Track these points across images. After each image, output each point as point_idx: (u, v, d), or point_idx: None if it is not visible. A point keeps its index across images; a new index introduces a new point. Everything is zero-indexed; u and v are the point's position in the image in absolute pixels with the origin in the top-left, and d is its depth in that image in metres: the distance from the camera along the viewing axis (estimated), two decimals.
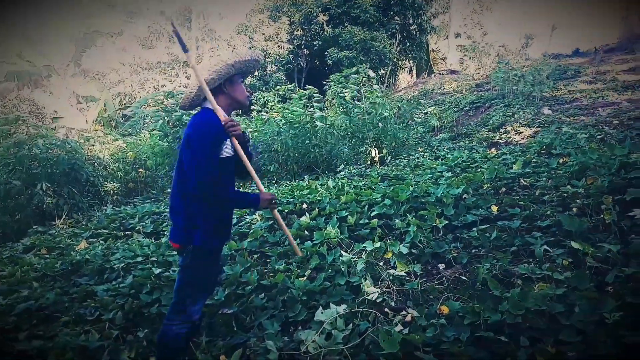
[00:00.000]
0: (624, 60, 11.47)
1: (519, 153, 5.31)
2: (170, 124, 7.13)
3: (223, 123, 2.18)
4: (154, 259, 3.81)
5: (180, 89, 15.89)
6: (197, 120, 2.18)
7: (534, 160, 4.81)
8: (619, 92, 8.33)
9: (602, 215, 3.17)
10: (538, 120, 7.25)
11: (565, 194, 3.64)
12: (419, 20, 16.45)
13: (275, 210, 2.46)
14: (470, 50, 15.19)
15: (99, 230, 5.35)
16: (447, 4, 21.77)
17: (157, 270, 3.43)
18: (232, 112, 2.44)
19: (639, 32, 15.07)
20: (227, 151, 2.20)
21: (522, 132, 6.77)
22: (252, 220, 4.32)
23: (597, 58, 12.91)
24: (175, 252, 3.52)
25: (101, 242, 4.87)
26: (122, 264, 3.79)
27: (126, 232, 5.25)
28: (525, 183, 4.12)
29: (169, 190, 5.12)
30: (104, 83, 16.97)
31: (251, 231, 3.98)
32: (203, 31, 18.17)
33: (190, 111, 2.50)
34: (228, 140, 2.20)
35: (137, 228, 5.25)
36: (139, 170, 8.21)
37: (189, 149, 2.13)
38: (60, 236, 5.28)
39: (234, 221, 4.41)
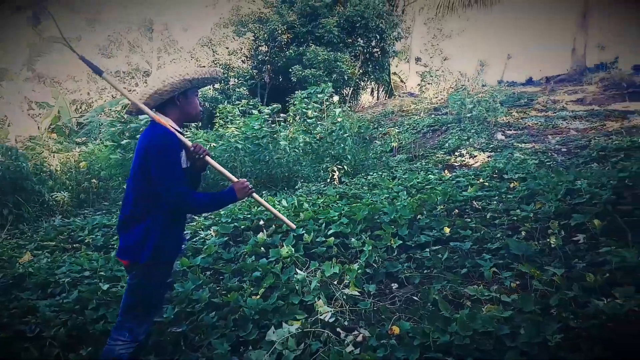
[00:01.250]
0: (573, 91, 12.11)
1: (472, 176, 5.48)
2: (127, 134, 6.95)
3: (192, 149, 2.18)
4: (102, 273, 3.67)
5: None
6: (155, 133, 2.13)
7: (486, 184, 4.98)
8: (567, 121, 8.78)
9: (548, 240, 3.31)
10: (491, 145, 7.52)
11: (515, 218, 3.78)
12: (382, 44, 16.86)
13: (255, 194, 2.41)
14: (429, 75, 15.67)
15: (45, 242, 5.11)
16: (409, 29, 22.46)
17: (105, 286, 3.31)
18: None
19: (586, 65, 16.00)
20: (184, 162, 2.20)
21: (476, 156, 7.01)
22: (206, 235, 4.25)
23: (548, 88, 13.59)
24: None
25: (47, 254, 4.65)
26: (68, 278, 3.63)
27: (74, 245, 5.04)
28: (477, 206, 4.25)
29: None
30: (60, 90, 16.44)
31: (205, 247, 3.91)
32: (165, 42, 17.98)
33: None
34: (183, 152, 2.20)
35: (86, 241, 5.05)
36: (92, 180, 7.94)
37: (152, 163, 2.08)
38: (3, 247, 5.01)
39: (188, 236, 4.33)
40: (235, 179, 2.34)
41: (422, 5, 21.63)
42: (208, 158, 2.28)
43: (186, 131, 8.01)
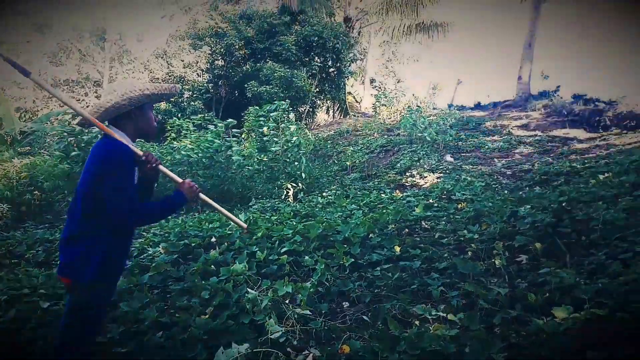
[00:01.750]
0: (518, 117, 12.72)
1: (422, 197, 5.64)
2: (75, 145, 6.68)
3: (144, 158, 2.11)
4: (42, 291, 3.47)
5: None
6: (108, 148, 2.05)
7: (435, 204, 5.13)
8: (512, 145, 9.20)
9: (493, 260, 3.44)
10: (441, 167, 7.77)
11: (462, 238, 3.91)
12: (338, 64, 17.15)
13: (202, 195, 2.34)
14: (383, 96, 16.06)
15: None
16: (365, 51, 23.02)
17: (45, 304, 3.14)
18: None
19: (531, 92, 16.90)
20: (135, 177, 2.14)
21: (426, 177, 7.21)
22: (154, 252, 4.13)
23: (495, 112, 14.22)
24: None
25: None
26: (5, 296, 3.41)
27: (13, 261, 4.76)
28: (426, 226, 4.37)
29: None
30: (3, 96, 15.64)
31: (153, 264, 3.79)
32: (118, 52, 17.53)
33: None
34: (136, 168, 2.15)
35: (26, 256, 4.79)
36: (34, 192, 7.55)
37: (103, 179, 2.00)
38: None
39: (135, 253, 4.19)
40: (180, 180, 2.28)
41: (378, 28, 22.28)
42: (161, 166, 2.22)
43: (137, 145, 7.75)
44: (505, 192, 5.42)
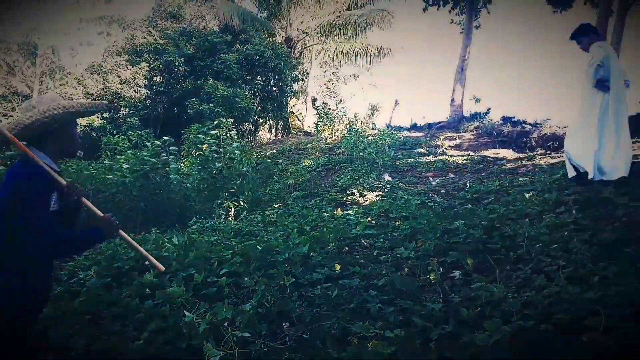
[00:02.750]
0: (452, 138, 13.29)
1: (362, 215, 5.74)
2: None
3: (65, 190, 2.00)
4: None
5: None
6: (24, 172, 1.93)
7: (374, 222, 5.24)
8: (446, 164, 9.60)
9: (428, 276, 3.55)
10: (380, 185, 7.97)
11: (399, 255, 4.02)
12: (280, 83, 17.29)
13: (121, 230, 2.21)
14: (325, 116, 16.31)
15: None
16: (307, 71, 23.37)
17: None
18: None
19: (463, 114, 17.79)
20: (55, 204, 2.01)
21: (366, 195, 7.37)
22: (86, 277, 3.92)
23: (430, 133, 14.80)
24: None
25: None
26: None
27: None
28: (365, 243, 4.45)
29: None
30: None
31: (84, 289, 3.60)
32: (50, 66, 16.70)
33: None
34: (55, 193, 2.02)
35: None
36: None
37: (17, 206, 1.86)
38: None
39: (65, 277, 3.96)
40: (100, 214, 2.16)
41: (319, 49, 22.74)
42: (84, 199, 2.11)
43: (65, 163, 7.39)
44: (440, 209, 5.63)
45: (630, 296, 2.48)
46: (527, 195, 5.39)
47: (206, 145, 7.28)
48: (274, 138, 18.02)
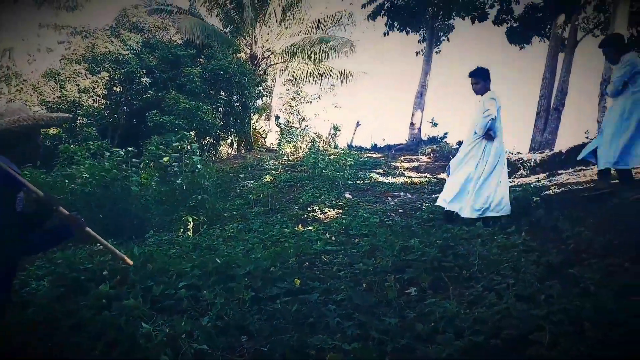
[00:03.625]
0: (410, 159, 13.67)
1: (322, 231, 5.82)
2: None
3: (44, 203, 2.10)
4: None
5: None
6: None
7: (334, 239, 5.33)
8: (404, 185, 9.86)
9: (385, 292, 3.65)
10: (340, 203, 8.09)
11: (358, 271, 4.10)
12: (244, 99, 17.31)
13: (88, 229, 2.28)
14: (288, 133, 16.43)
15: None
16: (270, 88, 23.53)
17: None
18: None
19: (422, 137, 18.35)
20: (19, 203, 2.04)
21: (327, 212, 7.46)
22: (38, 286, 3.80)
23: (390, 154, 15.17)
24: None
25: None
26: None
27: None
28: (325, 259, 4.52)
29: None
30: None
31: (38, 299, 3.49)
32: (7, 73, 16.05)
33: None
34: (21, 193, 2.05)
35: None
36: None
37: None
38: None
39: (16, 287, 3.81)
40: (66, 212, 2.24)
41: (283, 68, 22.98)
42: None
43: (21, 170, 7.08)
44: (398, 228, 5.79)
45: (573, 313, 2.64)
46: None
47: (167, 157, 7.20)
48: (236, 153, 17.94)
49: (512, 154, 11.33)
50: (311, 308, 3.44)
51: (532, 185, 7.45)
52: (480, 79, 5.81)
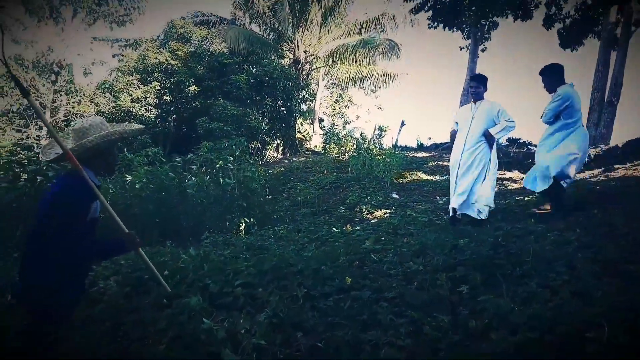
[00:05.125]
0: None
1: (371, 231, 5.87)
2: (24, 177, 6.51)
3: (127, 237, 2.36)
4: None
5: (30, 140, 14.48)
6: (72, 184, 2.17)
7: (383, 238, 5.36)
8: None
9: (437, 290, 3.67)
10: (387, 203, 8.10)
11: (408, 270, 4.13)
12: (288, 104, 17.59)
13: (140, 249, 2.47)
14: (332, 136, 16.55)
15: None
16: (314, 92, 23.76)
17: None
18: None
19: None
20: (95, 211, 2.23)
21: (374, 212, 7.50)
22: (106, 285, 4.07)
23: (436, 154, 14.98)
24: None
25: None
26: None
27: None
28: (375, 258, 4.57)
29: None
30: None
31: (105, 297, 3.75)
32: (68, 86, 17.10)
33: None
34: (96, 202, 2.25)
35: None
36: None
37: (59, 212, 2.09)
38: None
39: (87, 286, 4.10)
40: (126, 230, 2.42)
41: (326, 71, 23.14)
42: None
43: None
44: (447, 226, 5.76)
45: (631, 310, 2.58)
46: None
47: (221, 162, 7.47)
48: (282, 157, 18.24)
49: None
50: (363, 305, 3.51)
51: (586, 181, 7.20)
52: (483, 85, 6.17)
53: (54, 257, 2.09)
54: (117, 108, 15.70)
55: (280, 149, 19.12)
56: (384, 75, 21.76)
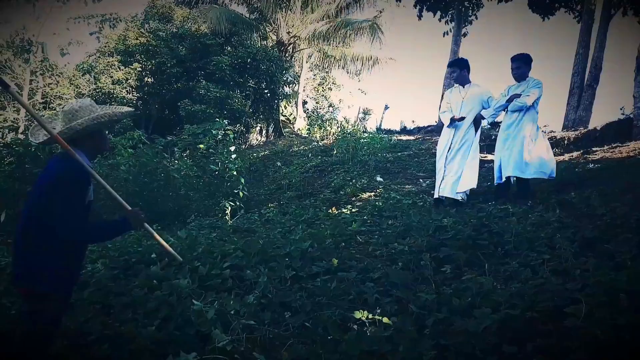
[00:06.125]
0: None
1: (356, 213, 5.95)
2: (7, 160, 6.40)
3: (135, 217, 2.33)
4: None
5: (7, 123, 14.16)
6: (67, 166, 2.16)
7: (368, 220, 5.45)
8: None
9: (421, 270, 3.76)
10: (372, 186, 8.18)
11: (393, 251, 4.22)
12: (272, 86, 17.45)
13: (147, 225, 2.47)
14: (317, 119, 16.53)
15: None
16: (297, 74, 23.58)
17: None
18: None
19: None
20: (90, 195, 2.24)
21: (359, 196, 7.57)
22: (94, 269, 4.07)
23: (419, 137, 15.09)
24: None
25: None
26: None
27: None
28: (360, 240, 4.65)
29: None
30: None
31: (93, 280, 3.75)
32: (42, 65, 16.64)
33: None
34: (91, 185, 2.25)
35: None
36: None
37: (57, 195, 2.09)
38: None
39: None
40: (129, 208, 2.41)
41: (310, 53, 22.95)
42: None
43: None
44: (430, 209, 5.86)
45: (608, 286, 2.69)
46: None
47: (203, 145, 7.44)
48: (265, 140, 18.17)
49: (545, 132, 11.14)
50: (350, 285, 3.59)
51: (565, 163, 7.37)
52: (462, 69, 6.29)
53: (51, 242, 2.09)
54: (97, 90, 15.41)
55: (264, 132, 19.04)
56: (368, 59, 21.70)
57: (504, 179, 5.81)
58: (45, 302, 2.09)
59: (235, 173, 7.34)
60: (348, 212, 6.05)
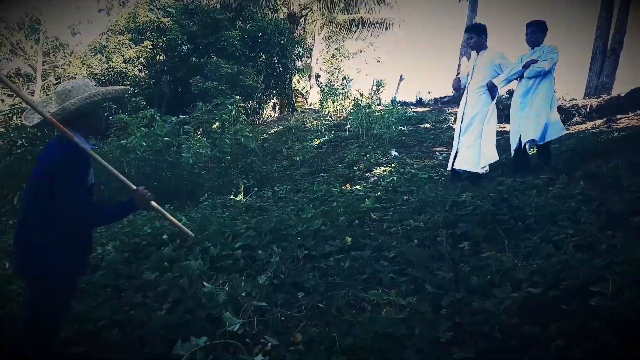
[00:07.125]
0: (456, 112, 13.23)
1: (370, 189, 5.82)
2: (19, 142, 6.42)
3: (136, 193, 2.26)
4: None
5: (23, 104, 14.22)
6: (65, 148, 2.09)
7: (383, 196, 5.32)
8: (453, 138, 9.61)
9: (438, 247, 3.64)
10: (387, 161, 8.02)
11: (408, 227, 4.09)
12: (284, 60, 17.16)
13: (154, 203, 2.40)
14: (330, 92, 16.25)
15: None
16: (310, 47, 23.17)
17: None
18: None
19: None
20: (91, 178, 2.17)
21: (373, 171, 7.43)
22: (104, 251, 4.05)
23: (436, 108, 14.74)
24: None
25: None
26: None
27: None
28: (375, 217, 4.53)
29: None
30: None
31: (104, 264, 3.73)
32: (53, 46, 16.62)
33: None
34: (92, 168, 2.18)
35: None
36: None
37: (58, 178, 2.02)
38: None
39: None
40: (133, 187, 2.34)
41: (322, 24, 22.48)
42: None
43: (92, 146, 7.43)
44: (447, 183, 5.70)
45: (636, 263, 2.54)
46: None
47: (217, 123, 7.34)
48: (279, 115, 18.01)
49: (565, 100, 10.77)
50: (364, 264, 3.49)
51: (588, 132, 7.09)
52: (480, 35, 5.90)
53: (53, 227, 2.04)
54: (109, 70, 15.35)
55: (277, 107, 18.85)
56: (379, 23, 21.13)
57: (523, 146, 5.63)
58: (50, 289, 2.06)
59: (247, 150, 7.25)
60: (362, 188, 5.92)
